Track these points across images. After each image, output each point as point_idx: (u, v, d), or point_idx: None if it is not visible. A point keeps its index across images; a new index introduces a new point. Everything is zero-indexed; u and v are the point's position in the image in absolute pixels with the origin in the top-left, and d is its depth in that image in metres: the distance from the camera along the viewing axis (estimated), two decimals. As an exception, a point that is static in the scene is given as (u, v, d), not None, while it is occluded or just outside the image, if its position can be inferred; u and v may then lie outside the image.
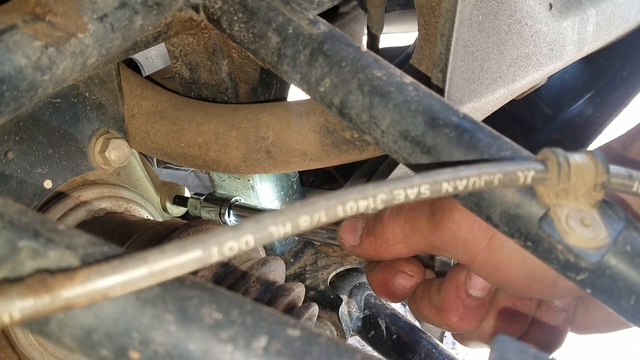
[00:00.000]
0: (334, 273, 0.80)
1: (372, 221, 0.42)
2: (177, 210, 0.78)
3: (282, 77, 0.44)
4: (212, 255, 0.23)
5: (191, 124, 0.60)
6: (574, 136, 1.03)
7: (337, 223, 0.40)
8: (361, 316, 0.78)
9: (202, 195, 0.77)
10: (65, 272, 0.22)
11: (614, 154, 0.40)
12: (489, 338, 0.41)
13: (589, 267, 0.30)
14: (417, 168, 0.36)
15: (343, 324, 0.75)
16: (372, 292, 0.81)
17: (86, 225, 0.62)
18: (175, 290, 0.24)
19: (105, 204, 0.65)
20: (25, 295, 0.21)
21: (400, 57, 0.94)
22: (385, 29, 0.66)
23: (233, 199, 0.74)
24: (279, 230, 0.24)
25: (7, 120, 0.37)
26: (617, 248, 0.30)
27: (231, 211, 0.73)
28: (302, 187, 0.83)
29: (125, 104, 0.62)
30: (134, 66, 0.86)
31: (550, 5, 0.64)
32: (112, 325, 0.23)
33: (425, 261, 0.46)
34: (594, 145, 1.03)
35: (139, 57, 0.85)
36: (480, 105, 0.58)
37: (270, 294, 0.57)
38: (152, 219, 0.72)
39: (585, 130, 1.03)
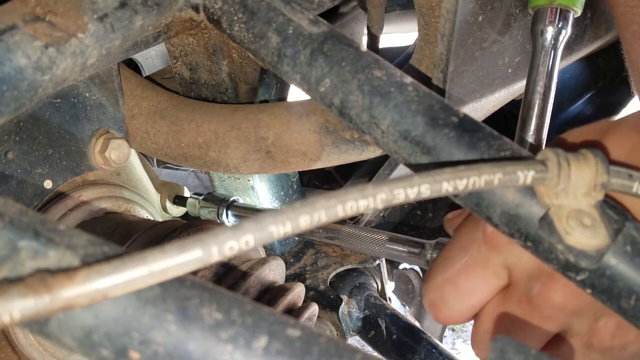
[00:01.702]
0: (334, 273, 0.80)
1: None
2: (177, 210, 0.78)
3: (282, 77, 0.44)
4: (212, 255, 0.23)
5: (191, 124, 0.60)
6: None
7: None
8: (361, 316, 0.78)
9: (201, 195, 0.77)
10: (65, 271, 0.22)
11: None
12: None
13: (589, 267, 0.30)
14: (417, 168, 0.36)
15: (343, 324, 0.75)
16: (372, 292, 0.81)
17: (86, 226, 0.62)
18: (176, 290, 0.24)
19: (105, 204, 0.65)
20: (26, 295, 0.21)
21: (400, 57, 0.94)
22: (385, 29, 0.66)
23: (231, 199, 0.74)
24: (279, 230, 0.24)
25: (7, 120, 0.37)
26: (617, 248, 0.30)
27: (229, 211, 0.73)
28: (302, 187, 0.83)
29: (126, 104, 0.62)
30: (134, 66, 0.86)
31: (550, 6, 0.64)
32: (112, 325, 0.23)
33: None
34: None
35: (139, 57, 0.85)
36: (480, 106, 0.58)
37: (270, 294, 0.57)
38: (152, 219, 0.72)
39: (585, 130, 1.03)
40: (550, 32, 0.47)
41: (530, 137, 0.45)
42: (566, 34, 0.48)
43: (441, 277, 0.36)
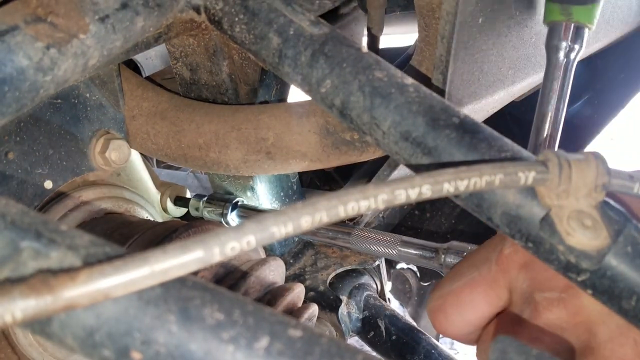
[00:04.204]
0: (333, 274, 0.80)
1: None
2: (178, 211, 0.78)
3: (283, 78, 0.44)
4: (214, 256, 0.23)
5: (191, 125, 0.60)
6: (572, 137, 1.03)
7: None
8: (360, 317, 0.78)
9: (204, 196, 0.77)
10: (67, 272, 0.22)
11: None
12: None
13: (590, 268, 0.30)
14: (418, 169, 0.36)
15: (342, 325, 0.75)
16: (371, 293, 0.81)
17: (86, 226, 0.62)
18: (177, 290, 0.24)
19: (106, 205, 0.65)
20: (28, 295, 0.21)
21: (400, 59, 0.94)
22: (385, 30, 0.66)
23: (235, 200, 0.74)
24: (281, 230, 0.24)
25: (9, 121, 0.37)
26: (618, 249, 0.30)
27: (234, 212, 0.73)
28: (302, 187, 0.83)
29: (126, 105, 0.62)
30: (134, 67, 0.86)
31: (550, 7, 0.64)
32: (114, 325, 0.23)
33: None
34: (592, 146, 1.03)
35: (139, 57, 0.85)
36: (480, 107, 0.58)
37: (270, 295, 0.57)
38: (152, 219, 0.72)
39: (583, 131, 1.04)
40: (564, 47, 0.49)
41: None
42: (580, 49, 0.49)
43: (447, 288, 0.38)
